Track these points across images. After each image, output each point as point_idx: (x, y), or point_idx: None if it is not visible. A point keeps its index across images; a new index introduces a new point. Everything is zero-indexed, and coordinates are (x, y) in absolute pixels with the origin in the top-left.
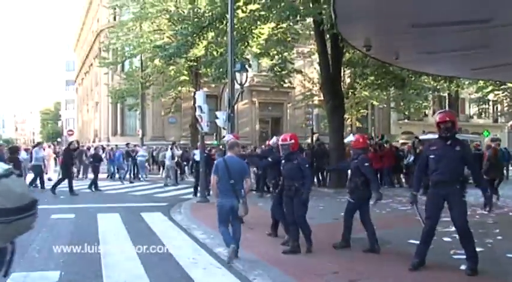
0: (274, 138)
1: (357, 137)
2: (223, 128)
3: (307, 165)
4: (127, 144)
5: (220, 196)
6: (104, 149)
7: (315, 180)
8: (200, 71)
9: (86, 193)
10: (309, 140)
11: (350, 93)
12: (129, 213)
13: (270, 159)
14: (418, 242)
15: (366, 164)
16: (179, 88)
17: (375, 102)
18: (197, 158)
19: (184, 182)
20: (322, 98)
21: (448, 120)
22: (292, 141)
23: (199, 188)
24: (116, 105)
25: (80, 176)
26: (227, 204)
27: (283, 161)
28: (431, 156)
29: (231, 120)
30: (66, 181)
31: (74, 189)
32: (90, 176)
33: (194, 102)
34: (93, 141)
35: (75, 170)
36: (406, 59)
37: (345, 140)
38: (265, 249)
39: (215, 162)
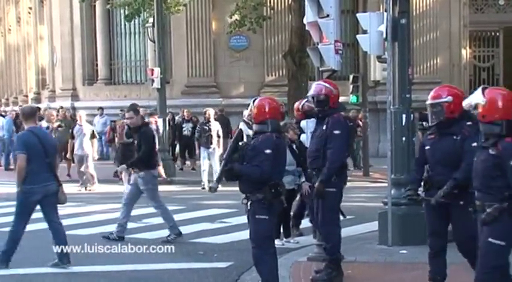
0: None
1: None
2: (378, 59)
3: (474, 144)
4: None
5: (28, 182)
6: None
7: None
8: None
9: None
10: None
11: None
12: None
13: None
14: None
15: None
16: None
17: None
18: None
19: None
20: None
21: None
22: (449, 98)
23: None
24: (92, 8)
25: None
26: (40, 191)
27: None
28: None
29: (400, 36)
30: None
31: None
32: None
33: None
34: (35, 100)
35: None
36: None
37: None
38: None
39: (18, 135)
